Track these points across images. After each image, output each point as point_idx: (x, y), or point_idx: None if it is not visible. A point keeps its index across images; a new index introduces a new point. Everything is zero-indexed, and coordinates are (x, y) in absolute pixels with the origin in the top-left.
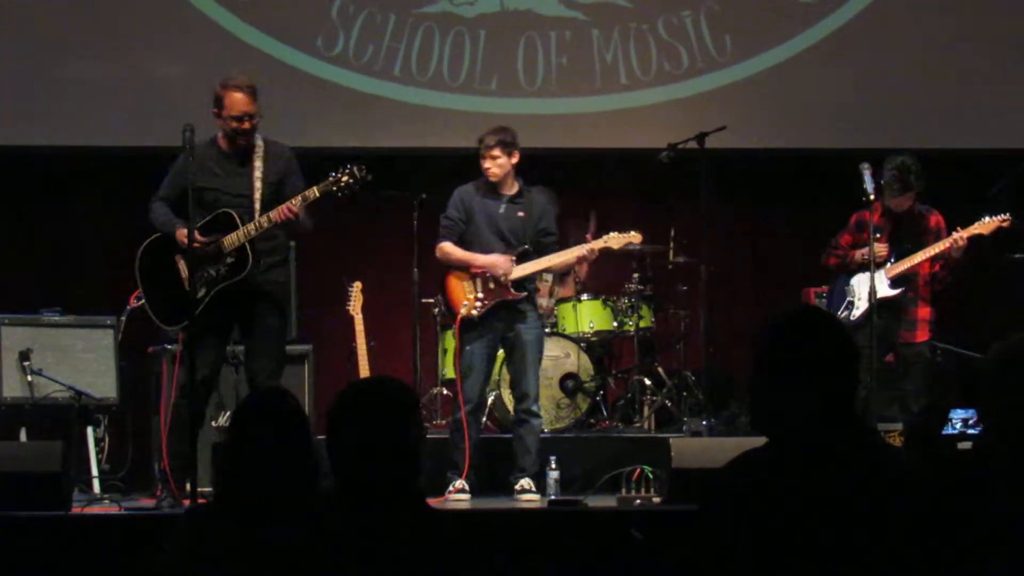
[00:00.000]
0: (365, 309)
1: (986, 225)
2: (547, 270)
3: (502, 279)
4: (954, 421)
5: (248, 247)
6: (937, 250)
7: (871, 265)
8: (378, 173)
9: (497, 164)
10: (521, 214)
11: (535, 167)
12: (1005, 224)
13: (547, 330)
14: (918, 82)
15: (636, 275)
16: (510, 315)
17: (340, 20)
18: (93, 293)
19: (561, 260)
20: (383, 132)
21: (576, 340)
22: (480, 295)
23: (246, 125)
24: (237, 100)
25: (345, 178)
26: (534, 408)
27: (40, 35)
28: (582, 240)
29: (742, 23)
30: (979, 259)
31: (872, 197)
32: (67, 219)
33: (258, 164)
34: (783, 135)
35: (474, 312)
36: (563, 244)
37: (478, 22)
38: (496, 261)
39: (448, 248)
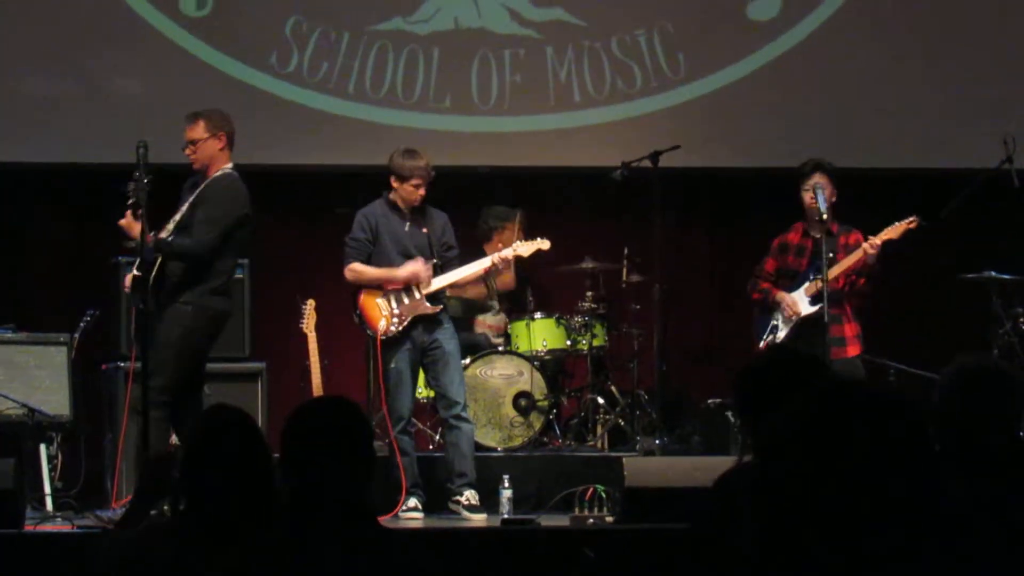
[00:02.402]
0: (319, 327)
1: (896, 229)
2: (457, 283)
3: (423, 286)
4: None
5: (152, 271)
6: (851, 261)
7: (824, 286)
8: (332, 191)
9: (421, 191)
10: (424, 230)
11: (488, 185)
12: (912, 226)
13: (499, 348)
14: (870, 101)
15: (590, 293)
16: (428, 327)
17: (294, 37)
18: (46, 310)
19: (472, 272)
20: (337, 150)
21: (529, 358)
22: (396, 311)
23: (186, 152)
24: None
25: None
26: (464, 414)
27: None
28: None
29: (695, 42)
30: (931, 278)
31: (825, 216)
32: (20, 235)
33: (198, 192)
34: (737, 154)
35: (393, 329)
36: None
37: (432, 40)
38: (416, 270)
39: (360, 268)
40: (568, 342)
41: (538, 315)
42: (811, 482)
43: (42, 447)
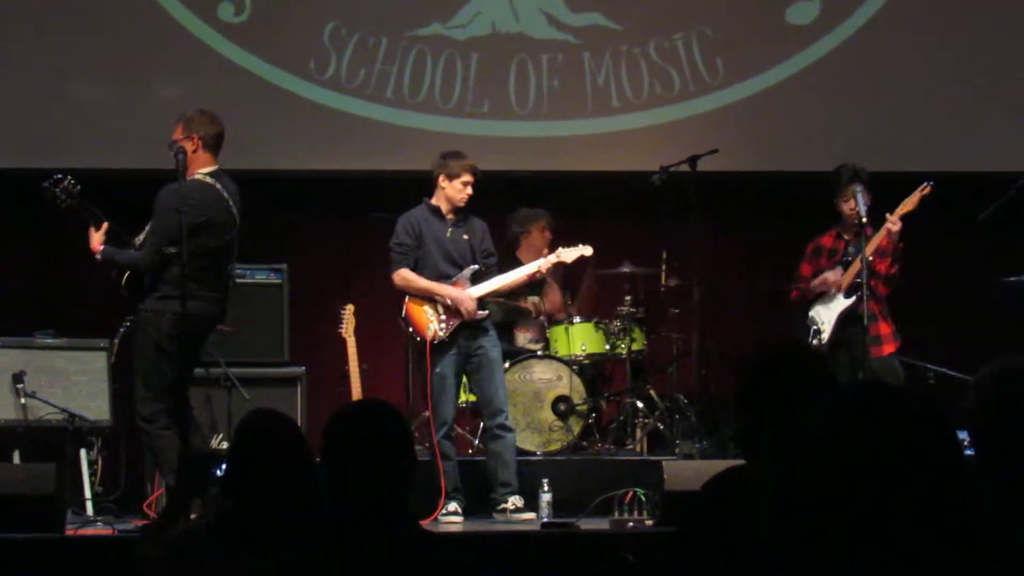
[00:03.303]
0: (357, 332)
1: (911, 200)
2: (498, 292)
3: (466, 316)
4: None
5: (132, 279)
6: (876, 244)
7: (863, 288)
8: (370, 196)
9: (469, 191)
10: (465, 236)
11: (526, 190)
12: (926, 192)
13: (539, 352)
14: (910, 104)
15: (628, 298)
16: (473, 333)
17: (332, 43)
18: (86, 315)
19: (515, 278)
20: (375, 155)
21: (568, 363)
22: (443, 317)
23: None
24: None
25: (48, 194)
26: (507, 423)
27: (41, 60)
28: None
29: (734, 46)
30: (969, 282)
31: (864, 219)
32: (60, 241)
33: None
34: (775, 158)
35: (441, 334)
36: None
37: (470, 45)
38: (462, 299)
39: (410, 276)
40: (607, 346)
41: (577, 319)
42: (836, 486)
43: (82, 452)
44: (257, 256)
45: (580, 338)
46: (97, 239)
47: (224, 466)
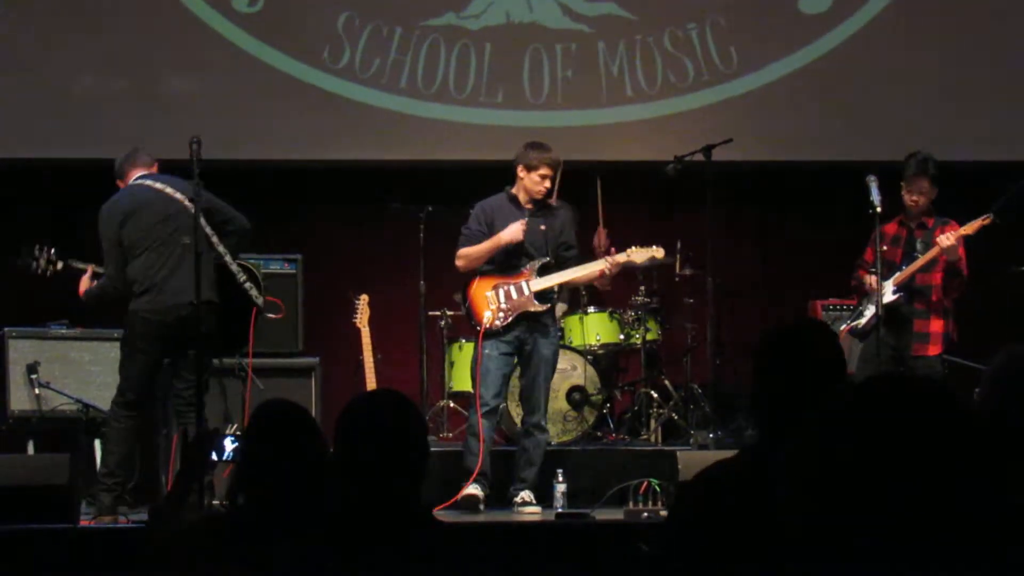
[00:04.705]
0: (372, 322)
1: (971, 226)
2: (569, 283)
3: (518, 238)
4: None
5: None
6: (930, 256)
7: (878, 278)
8: (385, 186)
9: (547, 184)
10: (543, 227)
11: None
12: (987, 223)
13: None
14: (925, 93)
15: (643, 288)
16: (531, 327)
17: (346, 33)
18: (100, 306)
19: (583, 273)
20: (389, 145)
21: (583, 353)
22: (504, 306)
23: None
24: None
25: (29, 267)
26: (543, 423)
27: (56, 51)
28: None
29: (748, 36)
30: (982, 272)
31: (879, 209)
32: (74, 231)
33: None
34: (790, 147)
35: (497, 323)
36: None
37: (484, 35)
38: (514, 229)
39: (466, 250)
40: (621, 336)
41: (591, 309)
42: (856, 477)
43: (97, 443)
44: (271, 246)
45: (595, 328)
46: (83, 285)
47: (234, 451)
